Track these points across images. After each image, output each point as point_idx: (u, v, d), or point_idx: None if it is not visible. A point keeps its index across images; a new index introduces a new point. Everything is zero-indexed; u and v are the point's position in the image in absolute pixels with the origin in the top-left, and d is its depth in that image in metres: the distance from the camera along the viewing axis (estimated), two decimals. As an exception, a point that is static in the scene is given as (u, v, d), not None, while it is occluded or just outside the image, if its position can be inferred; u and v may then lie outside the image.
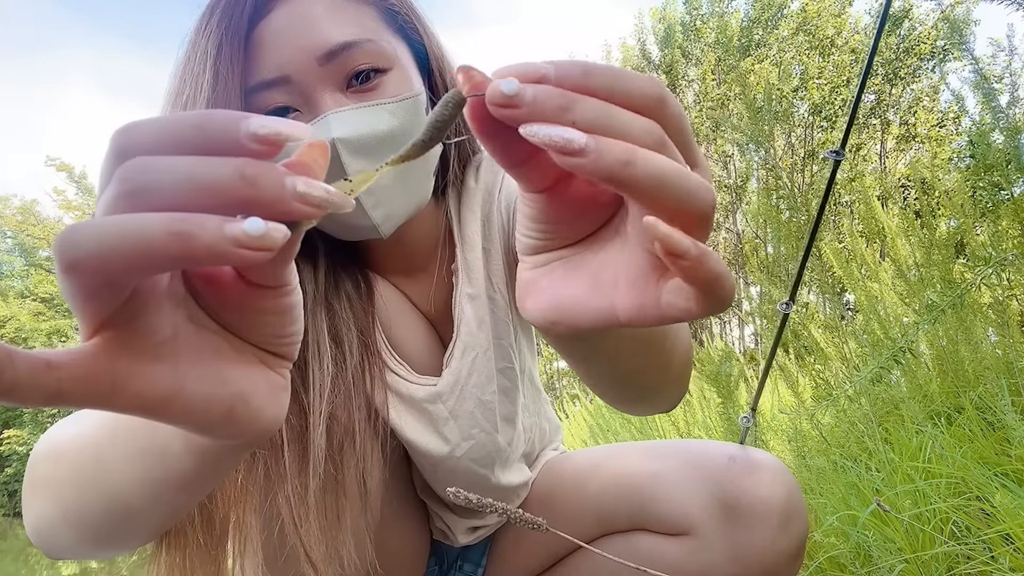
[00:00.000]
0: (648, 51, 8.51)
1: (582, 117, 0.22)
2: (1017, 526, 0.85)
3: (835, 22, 6.81)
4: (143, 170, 0.20)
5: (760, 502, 0.60)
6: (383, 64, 0.55)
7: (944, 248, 1.49)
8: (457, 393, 0.63)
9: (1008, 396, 1.11)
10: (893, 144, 6.99)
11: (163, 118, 0.22)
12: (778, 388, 2.23)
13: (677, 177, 0.22)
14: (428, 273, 0.67)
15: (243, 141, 0.21)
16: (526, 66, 0.23)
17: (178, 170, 0.20)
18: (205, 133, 0.21)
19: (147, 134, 0.21)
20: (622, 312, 0.26)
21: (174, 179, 0.20)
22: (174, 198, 0.20)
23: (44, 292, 16.46)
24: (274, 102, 0.53)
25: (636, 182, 0.22)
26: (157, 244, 0.19)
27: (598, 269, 0.28)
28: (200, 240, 0.19)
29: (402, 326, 0.64)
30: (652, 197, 0.22)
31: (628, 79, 0.23)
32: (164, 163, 0.20)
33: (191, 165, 0.20)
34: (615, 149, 0.22)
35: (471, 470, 0.65)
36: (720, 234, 8.37)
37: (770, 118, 1.83)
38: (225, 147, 0.21)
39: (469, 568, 0.76)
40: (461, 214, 0.67)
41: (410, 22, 0.61)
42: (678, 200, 0.22)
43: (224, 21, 0.51)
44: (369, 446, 0.56)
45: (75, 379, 0.20)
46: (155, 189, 0.20)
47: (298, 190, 0.21)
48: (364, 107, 0.53)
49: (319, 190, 0.21)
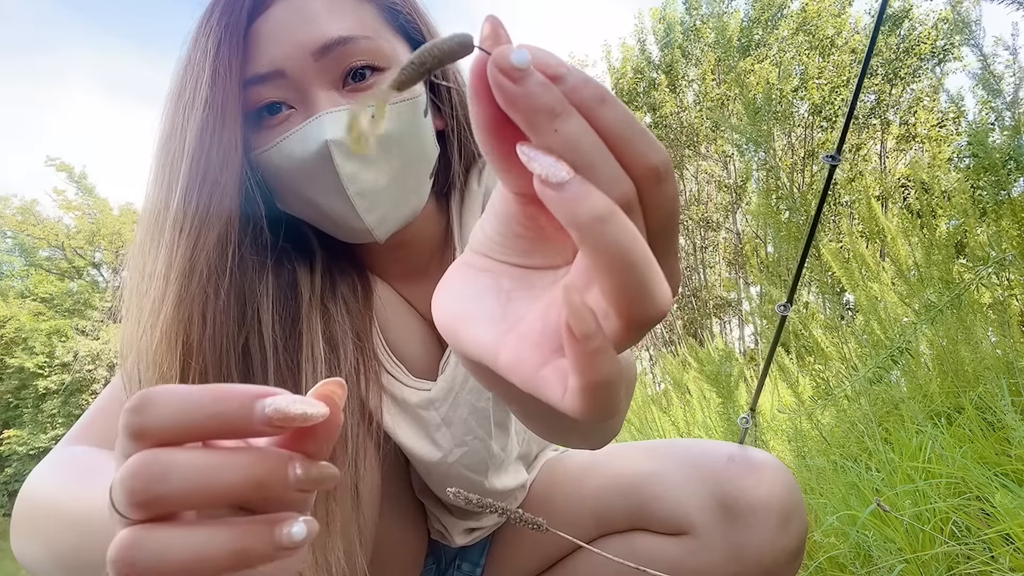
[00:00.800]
0: (648, 51, 8.51)
1: (565, 131, 0.20)
2: (1017, 526, 0.85)
3: (835, 22, 6.82)
4: (158, 479, 0.22)
5: (759, 502, 0.60)
6: (380, 63, 0.54)
7: (944, 248, 1.49)
8: (451, 400, 0.62)
9: (1008, 396, 1.11)
10: (893, 144, 6.99)
11: (177, 400, 0.23)
12: (778, 388, 2.23)
13: (644, 265, 0.20)
14: (428, 276, 0.67)
15: (256, 425, 0.22)
16: (550, 56, 0.21)
17: (193, 480, 0.22)
18: (219, 420, 0.23)
19: (162, 418, 0.23)
20: (503, 356, 0.24)
21: (187, 488, 0.22)
22: (188, 503, 0.22)
23: (44, 292, 16.46)
24: (268, 97, 0.52)
25: (600, 244, 0.19)
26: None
27: (513, 303, 0.26)
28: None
29: (400, 329, 0.64)
30: (606, 269, 0.20)
31: (640, 133, 0.21)
32: (177, 472, 0.22)
33: (205, 473, 0.22)
34: (595, 200, 0.19)
35: (464, 476, 0.64)
36: (720, 234, 8.37)
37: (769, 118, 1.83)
38: (239, 430, 0.23)
39: (467, 568, 0.76)
40: (463, 218, 0.66)
41: (412, 21, 0.60)
42: (630, 289, 0.20)
43: (224, 18, 0.51)
44: (362, 451, 0.55)
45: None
46: (169, 500, 0.22)
47: (299, 476, 0.23)
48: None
49: (316, 477, 0.24)
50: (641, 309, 0.20)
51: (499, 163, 0.23)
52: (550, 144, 0.20)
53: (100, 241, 17.07)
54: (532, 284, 0.26)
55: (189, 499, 0.22)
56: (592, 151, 0.20)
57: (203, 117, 0.49)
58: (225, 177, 0.50)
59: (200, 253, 0.49)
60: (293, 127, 0.52)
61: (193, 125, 0.49)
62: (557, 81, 0.20)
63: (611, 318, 0.21)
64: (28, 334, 15.51)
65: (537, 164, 0.20)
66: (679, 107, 8.01)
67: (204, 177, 0.49)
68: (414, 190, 0.58)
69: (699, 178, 8.34)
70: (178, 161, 0.50)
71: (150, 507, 0.22)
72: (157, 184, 0.51)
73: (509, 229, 0.26)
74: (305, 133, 0.52)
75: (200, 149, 0.49)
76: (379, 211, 0.55)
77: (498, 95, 0.20)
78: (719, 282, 8.30)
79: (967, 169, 1.85)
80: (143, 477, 0.22)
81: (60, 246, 16.88)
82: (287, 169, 0.53)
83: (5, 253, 17.23)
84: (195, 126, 0.49)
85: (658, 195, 0.22)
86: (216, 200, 0.50)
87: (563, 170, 0.20)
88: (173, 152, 0.50)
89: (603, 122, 0.21)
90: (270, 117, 0.53)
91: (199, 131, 0.49)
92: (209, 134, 0.49)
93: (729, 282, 7.98)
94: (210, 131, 0.49)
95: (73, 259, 17.12)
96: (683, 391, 3.06)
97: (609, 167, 0.21)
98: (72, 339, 15.74)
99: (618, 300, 0.20)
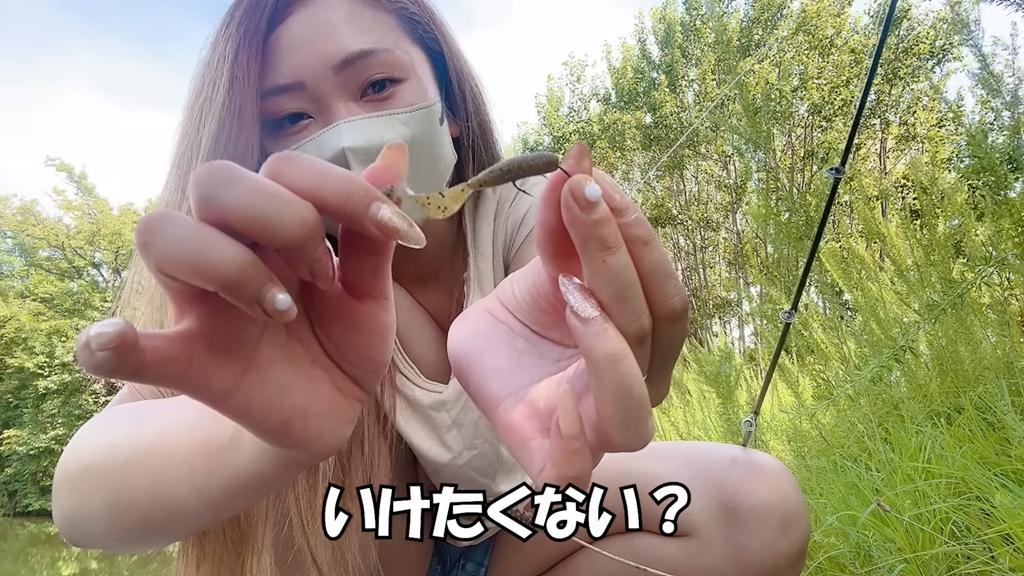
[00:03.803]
0: (648, 51, 8.51)
1: (611, 264, 0.23)
2: (1017, 526, 0.85)
3: (834, 22, 6.82)
4: (224, 181, 0.22)
5: (761, 505, 0.60)
6: (398, 74, 0.55)
7: (943, 248, 1.50)
8: (462, 403, 0.63)
9: (1008, 396, 1.11)
10: (893, 144, 6.99)
11: (316, 167, 0.23)
12: (778, 388, 2.24)
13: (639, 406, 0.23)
14: (440, 280, 0.67)
15: (367, 218, 0.23)
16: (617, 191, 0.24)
17: (251, 193, 0.22)
18: (341, 196, 0.23)
19: (298, 174, 0.23)
20: (500, 415, 0.27)
21: (244, 199, 0.21)
22: (239, 218, 0.22)
23: (44, 292, 16.45)
24: (288, 107, 0.53)
25: (607, 378, 0.23)
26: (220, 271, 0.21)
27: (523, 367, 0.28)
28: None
29: (413, 331, 0.65)
30: (606, 397, 0.23)
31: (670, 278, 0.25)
32: (243, 184, 0.22)
33: (265, 194, 0.22)
34: (613, 342, 0.23)
35: (472, 479, 0.65)
36: (720, 234, 8.37)
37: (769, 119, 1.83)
38: (351, 216, 0.23)
39: (471, 568, 0.76)
40: (476, 224, 0.67)
41: (430, 31, 0.60)
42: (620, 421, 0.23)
43: (244, 24, 0.51)
44: (377, 450, 0.56)
45: (154, 362, 0.21)
46: (222, 204, 0.22)
47: (380, 216, 0.23)
48: (377, 117, 0.53)
49: (402, 221, 0.23)
50: (623, 439, 0.24)
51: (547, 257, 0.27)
52: (595, 270, 0.24)
53: (100, 241, 17.06)
54: (543, 355, 0.29)
55: (241, 213, 0.21)
56: (627, 286, 0.24)
57: (220, 119, 0.50)
58: None
59: None
60: (311, 135, 0.53)
61: (210, 127, 0.50)
62: (618, 214, 0.24)
63: (595, 433, 0.24)
64: (28, 334, 15.50)
65: (571, 297, 0.24)
66: (679, 107, 8.00)
67: None
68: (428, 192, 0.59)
69: (699, 178, 8.35)
70: (194, 162, 0.50)
71: (206, 204, 0.21)
72: (173, 185, 0.52)
73: (536, 304, 0.29)
74: (323, 141, 0.53)
75: (216, 151, 0.50)
76: None
77: (566, 214, 0.24)
78: (719, 282, 8.30)
79: (965, 169, 1.85)
80: (218, 172, 0.21)
81: (60, 246, 16.87)
82: None
83: (5, 253, 17.23)
84: (212, 128, 0.50)
85: (671, 332, 0.26)
86: None
87: (591, 309, 0.23)
88: (190, 154, 0.51)
89: (643, 261, 0.24)
90: (289, 126, 0.54)
91: (216, 133, 0.50)
92: (226, 136, 0.50)
93: (729, 282, 7.99)
94: (227, 133, 0.50)
95: (73, 259, 17.12)
96: (683, 391, 3.07)
97: (637, 302, 0.24)
98: (72, 339, 15.71)
99: (606, 424, 0.23)
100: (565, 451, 0.24)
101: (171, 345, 0.22)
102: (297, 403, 0.26)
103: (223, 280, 0.21)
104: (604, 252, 0.23)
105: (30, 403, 15.24)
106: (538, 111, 9.94)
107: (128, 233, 17.05)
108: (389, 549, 0.63)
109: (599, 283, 0.24)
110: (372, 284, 0.26)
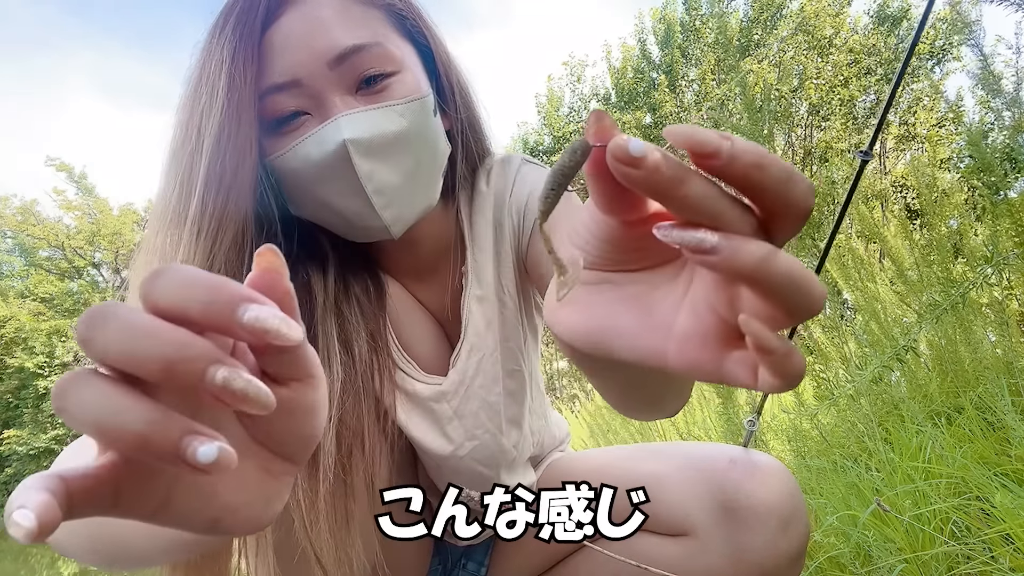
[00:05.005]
0: (648, 51, 8.52)
1: (693, 193, 0.22)
2: (1017, 526, 0.86)
3: (833, 22, 6.82)
4: (98, 324, 0.21)
5: (761, 505, 0.60)
6: (391, 67, 0.56)
7: (941, 248, 1.50)
8: (462, 393, 0.64)
9: (1008, 396, 1.12)
10: (893, 144, 7.00)
11: (181, 279, 0.22)
12: (778, 388, 2.24)
13: (805, 279, 0.22)
14: (438, 275, 0.68)
15: (236, 325, 0.22)
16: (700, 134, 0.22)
17: (122, 334, 0.21)
18: (208, 309, 0.22)
19: (163, 291, 0.22)
20: (674, 360, 0.26)
21: (115, 340, 0.21)
22: (114, 357, 0.22)
23: (44, 292, 16.46)
24: (285, 106, 0.54)
25: (769, 281, 0.21)
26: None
27: (653, 307, 0.27)
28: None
29: (411, 326, 0.65)
30: (779, 295, 0.22)
31: (798, 180, 0.22)
32: (116, 323, 0.21)
33: (134, 333, 0.21)
34: (751, 247, 0.21)
35: (475, 471, 0.65)
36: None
37: (769, 119, 1.84)
38: (222, 326, 0.22)
39: (472, 567, 0.76)
40: (472, 217, 0.67)
41: (417, 26, 0.62)
42: (798, 300, 0.22)
43: (239, 27, 0.52)
44: (378, 449, 0.56)
45: (82, 503, 0.22)
46: (97, 346, 0.21)
47: (215, 380, 0.22)
48: (374, 109, 0.54)
49: (238, 390, 0.22)
50: (807, 310, 0.22)
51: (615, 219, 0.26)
52: (680, 206, 0.22)
53: (100, 241, 17.06)
54: (656, 284, 0.28)
55: (114, 352, 0.21)
56: (715, 203, 0.22)
57: (220, 122, 0.51)
58: (241, 180, 0.51)
59: (218, 254, 0.50)
60: (309, 131, 0.54)
61: (211, 130, 0.51)
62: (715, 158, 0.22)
63: (782, 319, 0.23)
64: (28, 334, 15.50)
65: (681, 239, 0.22)
66: (679, 107, 8.01)
67: (221, 180, 0.51)
68: (427, 187, 0.60)
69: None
70: (196, 164, 0.51)
71: (86, 347, 0.21)
72: (173, 187, 0.52)
73: (617, 248, 0.28)
74: (322, 136, 0.54)
75: (217, 152, 0.51)
76: (395, 208, 0.57)
77: (625, 180, 0.22)
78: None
79: (965, 169, 1.85)
80: (92, 316, 0.21)
81: (60, 246, 16.86)
82: (304, 172, 0.55)
83: (5, 253, 17.22)
84: (212, 131, 0.51)
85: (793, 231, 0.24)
86: (232, 202, 0.51)
87: (707, 237, 0.22)
88: (191, 156, 0.52)
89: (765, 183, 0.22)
90: (286, 123, 0.55)
91: (216, 135, 0.51)
92: (226, 138, 0.51)
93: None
94: (227, 135, 0.51)
95: (73, 259, 17.11)
96: (683, 391, 3.06)
97: (735, 211, 0.23)
98: (72, 339, 15.71)
99: (788, 309, 0.22)
100: (778, 360, 0.22)
101: (97, 482, 0.22)
102: (225, 501, 0.26)
103: (130, 445, 0.21)
104: (678, 188, 0.22)
105: (30, 403, 15.24)
106: (538, 111, 9.96)
107: (128, 233, 17.05)
108: (390, 546, 0.63)
109: (692, 214, 0.23)
110: (293, 371, 0.25)
